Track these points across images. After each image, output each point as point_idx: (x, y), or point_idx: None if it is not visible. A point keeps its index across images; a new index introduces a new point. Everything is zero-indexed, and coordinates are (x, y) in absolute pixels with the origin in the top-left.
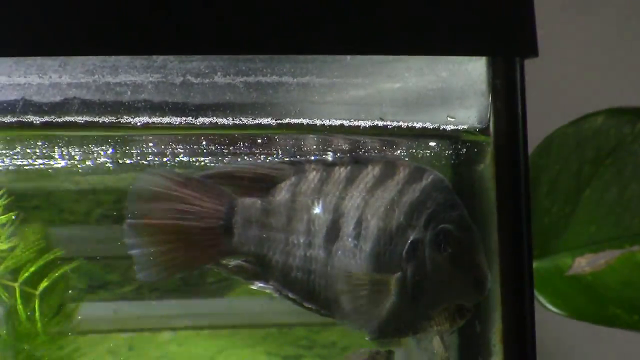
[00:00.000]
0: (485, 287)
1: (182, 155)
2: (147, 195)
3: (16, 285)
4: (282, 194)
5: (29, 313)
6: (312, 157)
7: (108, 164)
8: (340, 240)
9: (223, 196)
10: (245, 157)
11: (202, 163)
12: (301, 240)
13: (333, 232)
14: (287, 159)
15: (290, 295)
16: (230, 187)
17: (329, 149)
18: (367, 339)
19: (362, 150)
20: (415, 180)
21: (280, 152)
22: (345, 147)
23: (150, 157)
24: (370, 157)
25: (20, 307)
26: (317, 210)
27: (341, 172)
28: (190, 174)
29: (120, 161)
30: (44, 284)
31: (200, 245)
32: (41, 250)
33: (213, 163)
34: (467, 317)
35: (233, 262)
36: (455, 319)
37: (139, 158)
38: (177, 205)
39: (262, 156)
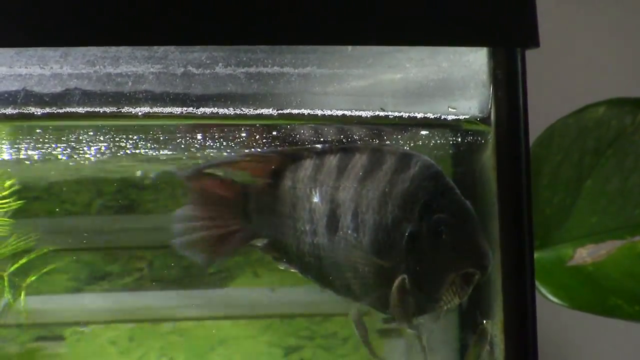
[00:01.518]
0: (487, 267)
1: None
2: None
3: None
4: (284, 181)
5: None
6: (302, 145)
7: (109, 154)
8: (340, 231)
9: (236, 184)
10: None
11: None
12: (307, 228)
13: (333, 222)
14: (280, 148)
15: (310, 277)
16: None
17: (329, 138)
18: (381, 321)
19: (364, 140)
20: (404, 168)
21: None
22: (349, 137)
23: (152, 147)
24: (357, 144)
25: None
26: (315, 199)
27: (332, 160)
28: (194, 166)
29: (121, 151)
30: (31, 278)
31: (229, 231)
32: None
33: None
34: (474, 281)
35: (261, 243)
36: (463, 289)
37: (140, 148)
38: (204, 197)
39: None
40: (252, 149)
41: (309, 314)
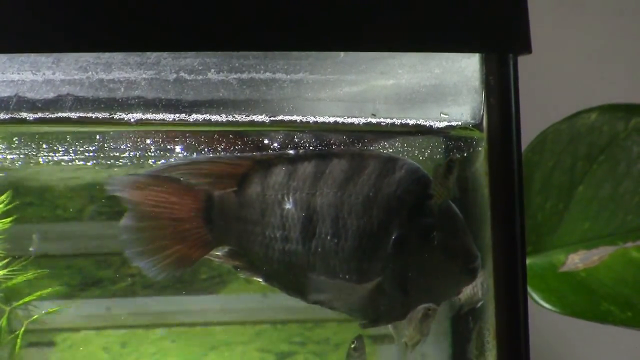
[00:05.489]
0: (476, 270)
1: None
2: (129, 191)
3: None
4: (252, 187)
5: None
6: (274, 151)
7: (101, 161)
8: (318, 238)
9: (198, 190)
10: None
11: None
12: (277, 235)
13: (309, 228)
14: (248, 153)
15: (276, 285)
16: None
17: (318, 144)
18: (360, 326)
19: (351, 146)
20: (389, 172)
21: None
22: (339, 143)
23: (144, 153)
24: (334, 149)
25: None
26: (288, 205)
27: (306, 166)
28: (154, 171)
29: (114, 157)
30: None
31: (188, 240)
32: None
33: None
34: (433, 316)
35: (221, 252)
36: (423, 325)
37: (132, 154)
38: (159, 202)
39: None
40: (219, 153)
41: (301, 320)
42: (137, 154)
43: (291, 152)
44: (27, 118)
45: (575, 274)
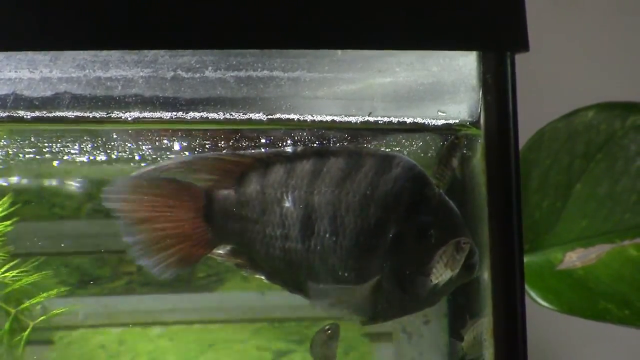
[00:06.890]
0: (474, 267)
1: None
2: (127, 197)
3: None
4: (252, 185)
5: None
6: (272, 149)
7: (99, 158)
8: (317, 236)
9: (198, 189)
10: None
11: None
12: (277, 233)
13: (308, 227)
14: (247, 151)
15: (278, 282)
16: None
17: (315, 142)
18: (359, 323)
19: (348, 143)
20: (386, 170)
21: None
22: (337, 141)
23: (141, 151)
24: (332, 147)
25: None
26: (287, 204)
27: (305, 164)
28: (153, 169)
29: (112, 155)
30: (24, 305)
31: (190, 239)
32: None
33: None
34: (466, 250)
35: (223, 250)
36: (455, 259)
37: (129, 152)
38: (160, 202)
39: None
40: (219, 151)
41: (298, 318)
42: (136, 152)
43: (289, 150)
44: (25, 116)
45: (573, 272)
